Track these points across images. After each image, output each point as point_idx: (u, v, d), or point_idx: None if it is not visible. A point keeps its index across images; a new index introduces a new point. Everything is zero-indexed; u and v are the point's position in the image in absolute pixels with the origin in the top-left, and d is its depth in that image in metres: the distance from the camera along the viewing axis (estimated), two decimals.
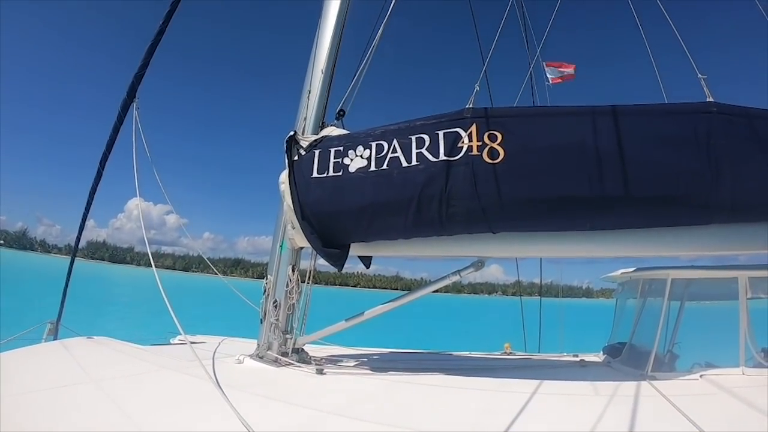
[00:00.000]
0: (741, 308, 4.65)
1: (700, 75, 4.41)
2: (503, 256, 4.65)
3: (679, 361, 5.01)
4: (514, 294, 8.67)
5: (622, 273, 5.85)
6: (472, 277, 4.73)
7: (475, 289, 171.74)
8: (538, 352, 6.78)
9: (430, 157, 4.16)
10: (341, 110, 5.26)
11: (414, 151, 4.23)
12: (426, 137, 4.24)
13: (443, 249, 4.55)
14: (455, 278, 4.76)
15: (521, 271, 9.19)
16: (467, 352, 6.46)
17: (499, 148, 4.03)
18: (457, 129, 4.18)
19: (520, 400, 3.64)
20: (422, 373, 4.64)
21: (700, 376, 4.48)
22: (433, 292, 5.09)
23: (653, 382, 4.31)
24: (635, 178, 3.98)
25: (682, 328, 5.05)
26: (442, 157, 4.12)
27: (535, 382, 4.25)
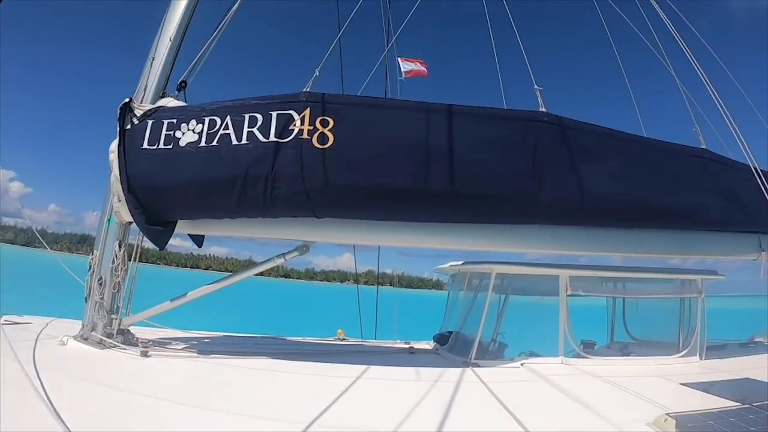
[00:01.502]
0: (561, 304, 5.05)
1: (536, 87, 4.68)
2: (327, 241, 4.73)
3: (502, 350, 5.34)
4: (366, 283, 8.83)
5: (451, 265, 6.12)
6: (325, 264, 4.79)
7: (327, 276, 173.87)
8: (374, 339, 6.95)
9: (260, 137, 4.15)
10: (183, 82, 5.11)
11: (246, 129, 4.20)
12: (259, 116, 4.21)
13: (269, 231, 4.58)
14: (280, 261, 4.79)
15: (372, 261, 9.40)
16: (301, 338, 6.53)
17: (330, 134, 4.09)
18: (291, 111, 4.19)
19: (342, 384, 3.76)
20: (250, 356, 4.66)
21: (521, 364, 4.83)
22: (258, 275, 5.13)
23: (476, 369, 4.57)
24: (462, 176, 4.18)
25: (506, 320, 5.36)
26: (272, 138, 4.12)
27: (362, 367, 4.40)
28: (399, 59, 8.72)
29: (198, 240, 5.24)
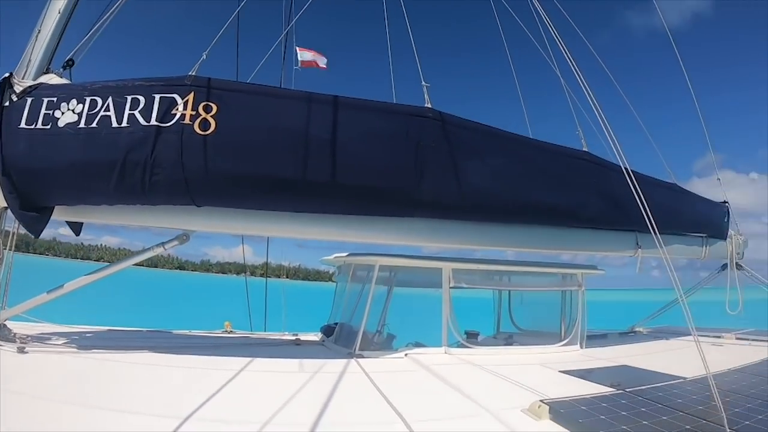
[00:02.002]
0: (444, 295, 5.23)
1: (423, 83, 4.76)
2: (207, 231, 4.64)
3: (386, 341, 5.51)
4: (262, 275, 8.83)
5: (336, 257, 6.21)
6: (221, 256, 4.75)
7: (223, 268, 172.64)
8: (263, 331, 6.98)
9: (141, 120, 4.02)
10: (70, 59, 4.87)
11: (127, 111, 4.06)
12: (142, 99, 4.08)
13: (148, 219, 4.47)
14: (159, 250, 4.72)
15: (269, 253, 9.39)
16: (187, 331, 6.48)
17: (212, 120, 4.03)
18: (174, 95, 4.09)
19: (224, 377, 3.74)
20: (133, 351, 4.56)
21: (406, 355, 4.98)
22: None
23: (359, 360, 4.65)
24: (344, 168, 4.21)
25: (391, 312, 5.51)
26: (153, 122, 4.01)
27: (246, 359, 4.41)
28: (297, 48, 8.71)
29: (76, 228, 5.04)
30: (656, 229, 3.34)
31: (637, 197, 3.40)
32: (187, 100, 4.08)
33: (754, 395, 3.69)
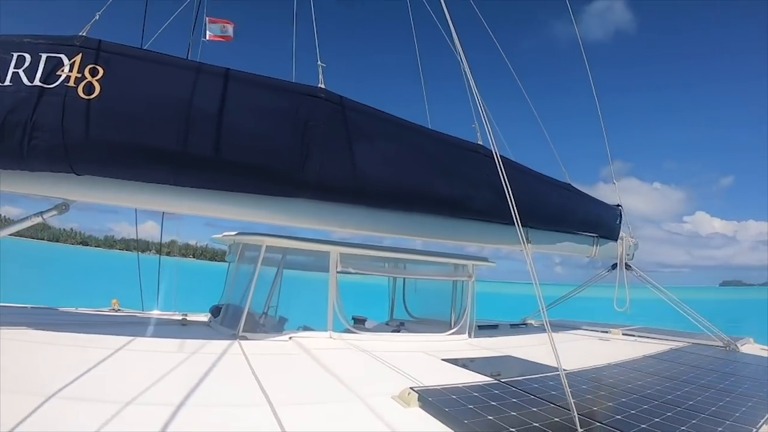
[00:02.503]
0: (331, 279, 5.27)
1: (320, 63, 4.81)
2: (87, 201, 4.48)
3: (273, 324, 5.54)
4: (168, 254, 8.69)
5: (224, 235, 6.15)
6: (126, 233, 4.59)
7: (128, 245, 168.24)
8: (154, 310, 6.89)
9: (25, 79, 3.82)
10: None
11: (11, 69, 3.84)
12: (28, 57, 3.88)
13: (26, 186, 4.23)
14: (37, 220, 4.50)
15: (178, 231, 9.27)
16: (74, 308, 6.33)
17: (97, 85, 3.88)
18: (62, 55, 3.91)
19: (99, 355, 3.64)
20: (11, 327, 4.37)
21: (290, 338, 4.98)
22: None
23: (242, 342, 4.61)
24: (228, 143, 4.15)
25: (278, 294, 5.56)
26: (37, 82, 3.82)
27: (126, 338, 4.31)
28: (207, 19, 8.53)
29: None
30: (520, 223, 3.42)
31: (506, 190, 3.44)
32: (74, 62, 3.91)
33: (629, 390, 3.86)
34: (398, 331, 6.14)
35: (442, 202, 5.19)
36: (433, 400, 3.01)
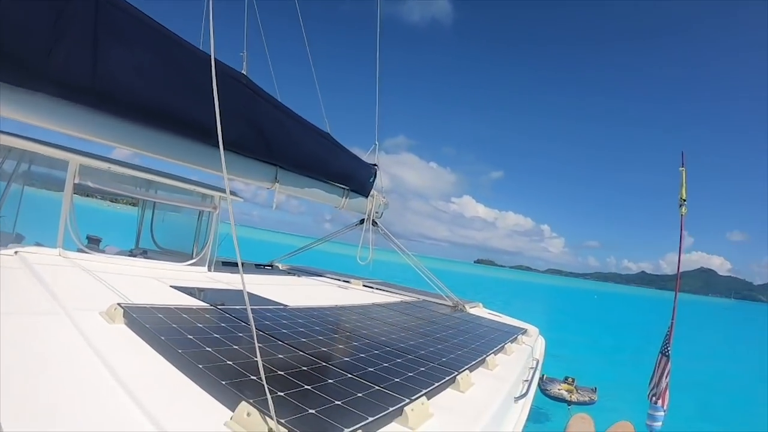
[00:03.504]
0: (66, 192, 4.96)
1: None
2: None
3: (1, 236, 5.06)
4: None
5: None
6: None
7: None
8: None
9: None
10: None
11: None
12: None
13: None
14: None
15: None
16: None
17: None
18: None
19: None
20: None
21: (16, 252, 4.59)
22: None
23: None
24: None
25: (8, 204, 5.09)
26: None
27: None
28: None
29: None
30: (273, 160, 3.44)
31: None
32: None
33: (336, 324, 4.19)
34: (135, 257, 5.96)
35: (194, 125, 5.01)
36: (137, 317, 3.00)
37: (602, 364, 22.10)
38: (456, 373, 3.27)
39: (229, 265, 6.65)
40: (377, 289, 8.04)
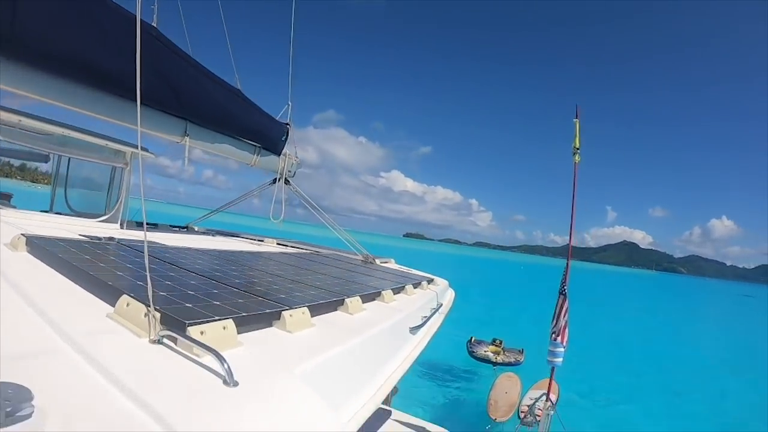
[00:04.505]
0: None
1: None
2: None
3: None
4: None
5: None
6: None
7: None
8: None
9: None
10: None
11: None
12: None
13: None
14: None
15: None
16: None
17: None
18: None
19: None
20: None
21: None
22: None
23: None
24: None
25: None
26: None
27: None
28: None
29: None
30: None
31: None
32: None
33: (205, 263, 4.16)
34: (47, 213, 6.01)
35: (101, 76, 5.07)
36: (41, 245, 3.10)
37: (530, 327, 23.04)
38: (346, 297, 3.42)
39: (142, 225, 6.64)
40: (291, 246, 8.32)
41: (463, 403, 14.25)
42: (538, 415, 10.02)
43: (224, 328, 2.05)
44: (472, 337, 16.88)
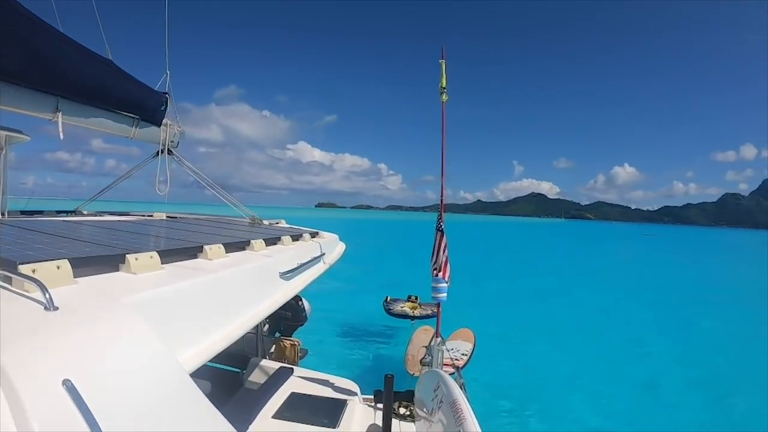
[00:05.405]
0: None
1: None
2: None
3: None
4: None
5: None
6: None
7: None
8: None
9: None
10: None
11: None
12: None
13: None
14: None
15: None
16: None
17: None
18: None
19: None
20: None
21: None
22: None
23: None
24: None
25: None
26: None
27: None
28: None
29: None
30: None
31: None
32: None
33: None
34: None
35: None
36: None
37: None
38: (205, 244, 3.35)
39: (28, 214, 6.64)
40: (180, 217, 8.23)
41: (382, 359, 14.64)
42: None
43: (58, 267, 2.05)
44: (387, 297, 17.17)
